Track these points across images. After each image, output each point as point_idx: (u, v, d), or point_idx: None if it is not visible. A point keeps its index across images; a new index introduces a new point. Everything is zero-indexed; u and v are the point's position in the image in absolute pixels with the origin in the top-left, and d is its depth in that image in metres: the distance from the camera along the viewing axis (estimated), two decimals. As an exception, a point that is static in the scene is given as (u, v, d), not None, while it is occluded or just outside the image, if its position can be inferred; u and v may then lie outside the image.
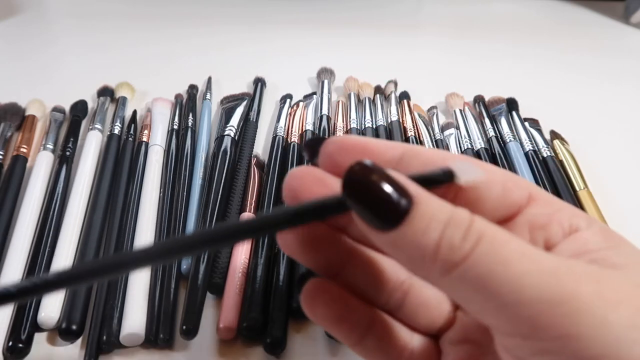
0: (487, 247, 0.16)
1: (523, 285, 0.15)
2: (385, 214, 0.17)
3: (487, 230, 0.16)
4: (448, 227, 0.16)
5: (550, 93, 0.53)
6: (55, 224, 0.33)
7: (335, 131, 0.43)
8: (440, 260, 0.16)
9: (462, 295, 0.17)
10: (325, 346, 0.29)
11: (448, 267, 0.16)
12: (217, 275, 0.31)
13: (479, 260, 0.16)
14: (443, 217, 0.16)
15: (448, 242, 0.16)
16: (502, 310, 0.16)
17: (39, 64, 0.55)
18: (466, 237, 0.16)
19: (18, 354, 0.27)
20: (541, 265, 0.16)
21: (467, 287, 0.16)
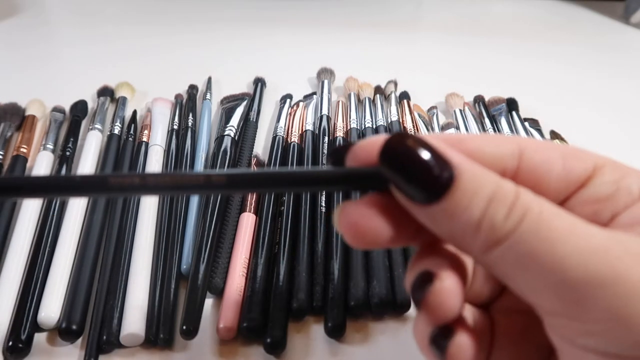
0: (531, 224, 0.15)
1: (570, 265, 0.15)
2: (426, 187, 0.16)
3: (533, 205, 0.15)
4: (491, 203, 0.15)
5: (550, 93, 0.53)
6: (55, 223, 0.33)
7: (336, 131, 0.43)
8: (481, 237, 0.15)
9: (504, 273, 0.16)
10: (325, 346, 0.29)
11: (489, 245, 0.15)
12: (217, 275, 0.31)
13: (523, 238, 0.15)
14: (487, 192, 0.16)
15: (490, 219, 0.15)
16: (546, 290, 0.15)
17: (39, 64, 0.55)
18: (510, 214, 0.15)
19: (18, 354, 0.27)
20: (591, 244, 0.15)
21: (510, 265, 0.15)
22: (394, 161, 0.16)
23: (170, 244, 0.32)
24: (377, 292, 0.30)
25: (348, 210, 0.17)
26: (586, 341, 0.15)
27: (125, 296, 0.30)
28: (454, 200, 0.16)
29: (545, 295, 0.15)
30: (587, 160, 0.18)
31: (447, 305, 0.17)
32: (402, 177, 0.16)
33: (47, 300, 0.29)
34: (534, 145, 0.19)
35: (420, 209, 0.16)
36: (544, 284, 0.15)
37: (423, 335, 0.18)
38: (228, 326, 0.28)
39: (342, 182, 0.18)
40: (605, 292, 0.14)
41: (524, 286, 0.16)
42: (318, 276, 0.31)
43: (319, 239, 0.33)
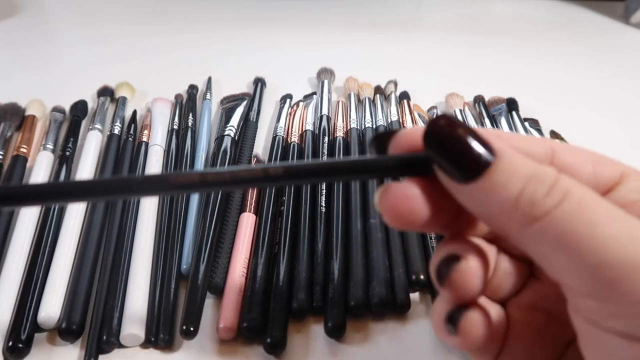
0: (573, 205, 0.16)
1: (609, 248, 0.15)
2: (467, 165, 0.17)
3: (575, 189, 0.16)
4: (531, 181, 0.16)
5: (550, 93, 0.53)
6: (55, 223, 0.33)
7: (336, 131, 0.43)
8: (519, 213, 0.16)
9: (541, 251, 0.16)
10: (325, 346, 0.29)
11: (528, 221, 0.16)
12: (217, 275, 0.31)
13: (563, 217, 0.15)
14: (526, 172, 0.16)
15: (529, 196, 0.16)
16: (581, 271, 0.15)
17: (39, 64, 0.55)
18: (550, 193, 0.16)
19: (18, 354, 0.27)
20: (631, 231, 0.15)
21: (547, 243, 0.16)
22: (438, 140, 0.17)
23: (170, 244, 0.32)
24: (377, 292, 0.30)
25: (390, 191, 0.18)
26: (615, 323, 0.16)
27: (125, 296, 0.30)
28: (494, 178, 0.16)
29: (579, 275, 0.16)
30: (615, 167, 0.19)
31: (470, 283, 0.18)
32: (444, 155, 0.17)
33: (47, 300, 0.29)
34: (566, 148, 0.20)
35: (461, 188, 0.17)
36: (580, 264, 0.15)
37: (440, 315, 0.19)
38: (228, 326, 0.28)
39: (391, 169, 0.19)
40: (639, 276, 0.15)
41: (558, 266, 0.16)
42: (318, 276, 0.31)
43: (319, 239, 0.33)
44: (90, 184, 0.19)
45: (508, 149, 0.17)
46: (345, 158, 0.29)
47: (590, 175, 0.19)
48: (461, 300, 0.19)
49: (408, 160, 0.18)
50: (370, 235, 0.33)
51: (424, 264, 0.32)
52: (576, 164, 0.19)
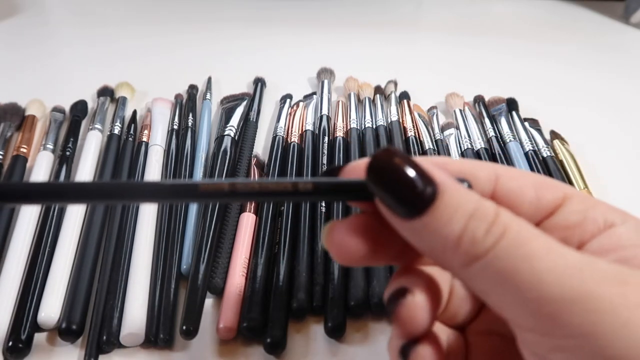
0: (510, 241, 0.16)
1: (545, 282, 0.15)
2: (409, 202, 0.16)
3: (512, 224, 0.16)
4: (472, 219, 0.16)
5: (550, 93, 0.53)
6: (55, 223, 0.33)
7: (335, 131, 0.43)
8: (461, 252, 0.16)
9: (482, 288, 0.17)
10: (325, 346, 0.29)
11: (469, 260, 0.16)
12: (217, 275, 0.31)
13: (501, 254, 0.16)
14: (468, 209, 0.16)
15: (471, 234, 0.16)
16: (521, 306, 0.16)
17: (39, 64, 0.55)
18: (490, 231, 0.16)
19: (18, 354, 0.27)
20: (566, 263, 0.15)
21: (488, 280, 0.16)
22: (380, 176, 0.17)
23: (170, 244, 0.32)
24: (377, 292, 0.30)
25: (334, 229, 0.18)
26: (557, 356, 0.16)
27: (125, 296, 0.30)
28: (436, 215, 0.16)
29: (520, 310, 0.16)
30: (557, 190, 0.20)
31: (417, 318, 0.18)
32: (386, 191, 0.17)
33: (47, 300, 0.29)
34: (509, 173, 0.20)
35: (403, 223, 0.17)
36: (520, 299, 0.16)
37: (394, 349, 0.19)
38: (228, 326, 0.28)
39: (331, 192, 0.19)
40: (578, 309, 0.15)
41: (501, 301, 0.16)
42: (318, 276, 0.31)
43: (319, 239, 0.33)
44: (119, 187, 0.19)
45: (451, 182, 0.17)
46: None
47: (532, 199, 0.19)
48: (411, 334, 0.19)
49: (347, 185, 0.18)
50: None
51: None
52: (519, 188, 0.19)
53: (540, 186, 0.20)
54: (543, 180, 0.20)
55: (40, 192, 0.19)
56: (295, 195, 0.18)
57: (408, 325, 0.18)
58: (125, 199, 0.20)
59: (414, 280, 0.19)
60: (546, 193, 0.19)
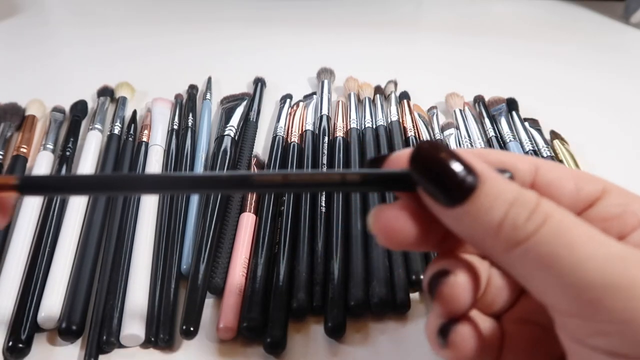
0: (552, 228, 0.16)
1: (587, 269, 0.15)
2: (451, 190, 0.17)
3: (554, 212, 0.17)
4: (513, 206, 0.17)
5: (550, 93, 0.53)
6: (55, 223, 0.33)
7: (335, 131, 0.43)
8: (502, 238, 0.17)
9: (522, 273, 0.17)
10: (325, 346, 0.29)
11: (510, 245, 0.16)
12: (217, 275, 0.31)
13: (543, 240, 0.16)
14: (509, 197, 0.17)
15: (512, 221, 0.16)
16: (562, 291, 0.16)
17: (39, 64, 0.55)
18: (531, 218, 0.16)
19: (18, 354, 0.27)
20: (608, 251, 0.16)
21: (528, 265, 0.16)
22: (423, 165, 0.17)
23: (170, 244, 0.32)
24: (377, 292, 0.30)
25: (382, 213, 0.19)
26: (597, 341, 0.16)
27: (125, 296, 0.30)
28: (477, 203, 0.17)
29: (561, 296, 0.16)
30: (597, 183, 0.20)
31: (459, 297, 0.19)
32: (429, 181, 0.17)
33: (47, 300, 0.29)
34: (549, 165, 0.20)
35: (446, 211, 0.17)
36: (561, 285, 0.16)
37: (433, 328, 0.20)
38: (228, 326, 0.28)
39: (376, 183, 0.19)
40: (620, 295, 0.15)
41: (541, 287, 0.17)
42: (318, 276, 0.31)
43: (319, 239, 0.33)
44: (181, 178, 0.20)
45: (491, 173, 0.17)
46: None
47: (572, 191, 0.20)
48: (451, 313, 0.19)
49: (392, 176, 0.19)
50: (370, 235, 0.33)
51: (424, 264, 0.32)
52: (559, 180, 0.20)
53: (580, 179, 0.20)
54: (582, 174, 0.20)
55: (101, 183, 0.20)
56: (343, 185, 0.19)
57: (449, 304, 0.19)
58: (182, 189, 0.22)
59: (455, 263, 0.19)
60: (585, 185, 0.20)
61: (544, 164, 0.20)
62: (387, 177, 0.19)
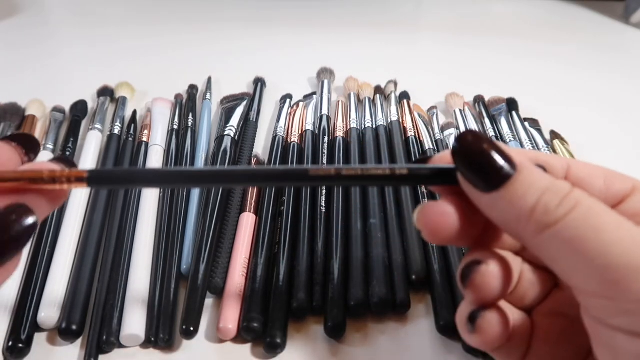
0: (581, 213, 0.17)
1: (612, 253, 0.16)
2: (490, 176, 0.18)
3: (585, 200, 0.18)
4: (546, 193, 0.18)
5: (550, 93, 0.53)
6: (55, 223, 0.33)
7: (335, 131, 0.43)
8: (534, 221, 0.18)
9: (551, 255, 0.18)
10: (325, 346, 0.29)
11: (541, 228, 0.18)
12: (217, 275, 0.31)
13: (572, 224, 0.17)
14: (542, 185, 0.18)
15: (544, 206, 0.18)
16: (588, 272, 0.17)
17: (39, 64, 0.55)
18: (562, 203, 0.17)
19: (18, 354, 0.27)
20: (634, 237, 0.17)
21: (557, 247, 0.17)
22: (466, 153, 0.19)
23: (170, 244, 0.32)
24: (377, 292, 0.30)
25: (428, 210, 0.20)
26: (620, 321, 0.17)
27: (125, 296, 0.30)
28: (512, 190, 0.18)
29: (587, 277, 0.17)
30: (626, 181, 0.21)
31: (490, 285, 0.20)
32: (469, 165, 0.19)
33: (47, 300, 0.29)
34: (580, 164, 0.22)
35: (484, 197, 0.19)
36: (588, 267, 0.17)
37: (463, 315, 0.21)
38: (228, 326, 0.28)
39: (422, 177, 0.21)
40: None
41: (569, 268, 0.18)
42: (318, 276, 0.31)
43: (319, 239, 0.33)
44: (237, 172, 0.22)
45: (528, 164, 0.19)
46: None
47: (601, 188, 0.21)
48: (482, 301, 0.20)
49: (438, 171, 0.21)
50: (370, 235, 0.33)
51: (424, 264, 0.32)
52: (589, 177, 0.21)
53: (610, 177, 0.21)
54: (612, 173, 0.21)
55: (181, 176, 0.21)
56: (392, 179, 0.21)
57: (481, 291, 0.20)
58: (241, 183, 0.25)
59: (488, 254, 0.20)
60: (615, 182, 0.21)
61: (575, 163, 0.22)
62: (432, 171, 0.21)
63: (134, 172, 0.25)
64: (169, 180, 0.22)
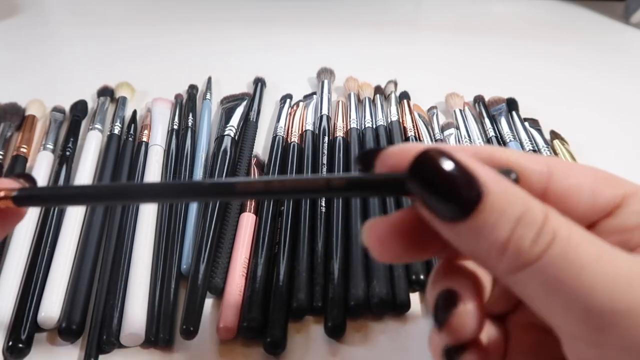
0: (558, 250, 0.15)
1: (595, 294, 0.14)
2: (452, 205, 0.15)
3: (562, 229, 0.15)
4: (519, 225, 0.15)
5: (550, 93, 0.53)
6: (55, 223, 0.33)
7: (335, 131, 0.43)
8: (506, 259, 0.15)
9: (527, 294, 0.16)
10: (325, 346, 0.29)
11: (515, 268, 0.15)
12: (217, 275, 0.31)
13: (549, 263, 0.15)
14: (514, 213, 0.15)
15: (517, 242, 0.15)
16: (569, 315, 0.15)
17: (39, 64, 0.55)
18: (537, 239, 0.15)
19: (18, 354, 0.27)
20: (618, 272, 0.15)
21: (533, 288, 0.15)
22: (422, 178, 0.16)
23: (170, 244, 0.32)
24: (377, 292, 0.30)
25: (375, 228, 0.18)
26: None
27: (125, 296, 0.30)
28: (481, 219, 0.15)
29: (568, 319, 0.15)
30: (617, 188, 0.18)
31: (468, 327, 0.18)
32: (429, 194, 0.16)
33: (47, 300, 0.29)
34: (564, 169, 0.18)
35: (446, 226, 0.16)
36: (568, 309, 0.15)
37: (437, 347, 0.19)
38: (228, 326, 0.28)
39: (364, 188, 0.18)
40: (629, 322, 0.14)
41: (546, 309, 0.16)
42: (318, 276, 0.31)
43: (319, 239, 0.33)
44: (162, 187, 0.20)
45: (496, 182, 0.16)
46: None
47: (588, 200, 0.18)
48: (459, 341, 0.18)
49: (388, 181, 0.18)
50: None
51: (424, 264, 0.32)
52: (573, 188, 0.18)
53: (600, 182, 0.18)
54: (602, 177, 0.19)
55: (63, 195, 0.20)
56: (329, 191, 0.18)
57: (458, 334, 0.18)
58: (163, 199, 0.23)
59: (461, 281, 0.18)
60: (605, 190, 0.18)
61: (559, 167, 0.19)
62: (375, 182, 0.18)
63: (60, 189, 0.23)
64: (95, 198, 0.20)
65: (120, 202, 0.21)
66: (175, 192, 0.19)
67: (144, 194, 0.20)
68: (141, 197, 0.20)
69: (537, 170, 0.18)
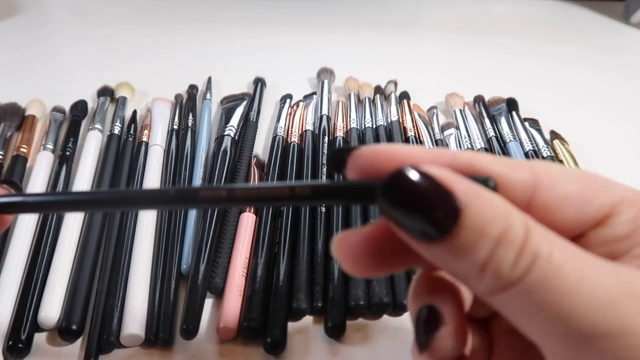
0: (539, 273, 0.14)
1: (576, 317, 0.14)
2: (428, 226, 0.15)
3: (543, 250, 0.15)
4: (499, 246, 0.15)
5: (550, 93, 0.53)
6: (55, 223, 0.33)
7: (335, 131, 0.43)
8: (486, 281, 0.15)
9: (508, 314, 0.16)
10: (325, 346, 0.29)
11: (494, 290, 0.15)
12: (217, 275, 0.31)
13: (530, 288, 0.14)
14: (494, 233, 0.15)
15: (496, 264, 0.15)
16: (551, 335, 0.15)
17: (39, 64, 0.55)
18: (517, 262, 0.14)
19: (18, 354, 0.27)
20: (599, 293, 0.14)
21: (514, 309, 0.15)
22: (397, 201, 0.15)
23: (170, 244, 0.32)
24: (377, 292, 0.30)
25: (345, 242, 0.17)
26: None
27: (125, 296, 0.30)
28: (458, 241, 0.15)
29: (550, 340, 0.15)
30: (607, 195, 0.17)
31: (451, 349, 0.17)
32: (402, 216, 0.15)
33: (47, 300, 0.29)
34: (550, 177, 0.17)
35: (422, 246, 0.15)
36: (547, 331, 0.15)
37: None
38: (228, 326, 0.28)
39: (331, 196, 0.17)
40: (612, 344, 0.14)
41: (526, 328, 0.16)
42: (318, 276, 0.31)
43: (319, 239, 0.33)
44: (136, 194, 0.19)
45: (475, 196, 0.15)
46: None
47: (576, 210, 0.17)
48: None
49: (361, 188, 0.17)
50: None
51: (424, 264, 0.32)
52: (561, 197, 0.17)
53: (588, 191, 0.17)
54: (592, 183, 0.18)
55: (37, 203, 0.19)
56: (294, 200, 0.17)
57: (441, 355, 0.17)
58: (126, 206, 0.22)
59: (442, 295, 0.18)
60: (595, 198, 0.17)
61: (545, 175, 0.17)
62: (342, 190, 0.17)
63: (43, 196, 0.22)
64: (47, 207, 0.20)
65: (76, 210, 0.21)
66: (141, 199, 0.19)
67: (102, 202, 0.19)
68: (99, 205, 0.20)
69: (521, 180, 0.17)
